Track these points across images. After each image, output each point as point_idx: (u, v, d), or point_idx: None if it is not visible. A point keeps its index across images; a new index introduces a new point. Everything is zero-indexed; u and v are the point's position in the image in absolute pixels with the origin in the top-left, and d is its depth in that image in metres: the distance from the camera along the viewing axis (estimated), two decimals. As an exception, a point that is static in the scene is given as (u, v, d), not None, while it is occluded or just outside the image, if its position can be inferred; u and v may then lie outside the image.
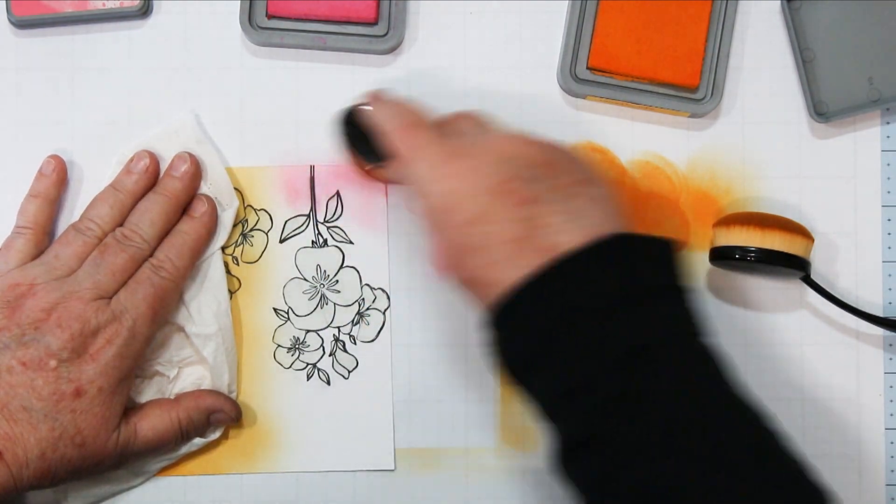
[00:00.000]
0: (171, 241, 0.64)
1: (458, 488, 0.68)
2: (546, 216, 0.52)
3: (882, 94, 0.67)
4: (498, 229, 0.52)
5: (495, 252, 0.52)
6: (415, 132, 0.56)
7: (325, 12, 0.67)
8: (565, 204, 0.52)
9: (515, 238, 0.51)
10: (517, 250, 0.51)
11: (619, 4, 0.66)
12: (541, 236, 0.51)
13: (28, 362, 0.59)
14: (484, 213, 0.52)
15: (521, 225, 0.52)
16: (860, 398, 0.68)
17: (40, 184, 0.65)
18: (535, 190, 0.52)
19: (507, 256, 0.51)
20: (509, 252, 0.51)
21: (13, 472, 0.58)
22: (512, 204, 0.52)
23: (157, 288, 0.62)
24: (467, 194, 0.53)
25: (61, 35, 0.68)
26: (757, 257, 0.64)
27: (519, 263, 0.51)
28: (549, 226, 0.52)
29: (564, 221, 0.52)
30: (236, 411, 0.66)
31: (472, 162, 0.54)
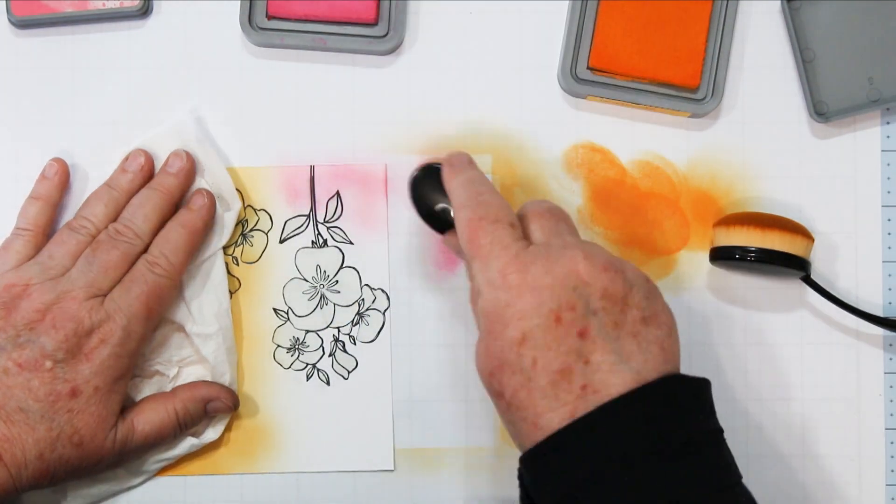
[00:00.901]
0: (166, 237, 0.63)
1: (458, 488, 0.68)
2: (596, 353, 0.50)
3: (882, 94, 0.67)
4: (545, 356, 0.50)
5: (537, 379, 0.50)
6: (488, 228, 0.54)
7: (325, 13, 0.67)
8: (618, 344, 0.51)
9: (560, 370, 0.50)
10: (559, 383, 0.50)
11: (619, 4, 0.66)
12: (585, 374, 0.50)
13: (24, 363, 0.59)
14: (535, 337, 0.51)
15: (569, 358, 0.50)
16: (860, 398, 0.68)
17: (42, 186, 0.65)
18: (591, 323, 0.51)
19: (548, 386, 0.50)
20: (550, 383, 0.50)
21: (12, 473, 0.58)
22: (565, 334, 0.51)
23: (152, 285, 0.62)
24: (525, 313, 0.51)
25: (61, 35, 0.68)
26: (757, 257, 0.64)
27: (558, 397, 0.50)
28: (596, 364, 0.50)
29: (611, 363, 0.50)
30: (233, 400, 0.65)
31: (537, 280, 0.52)
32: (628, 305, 0.52)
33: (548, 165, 0.68)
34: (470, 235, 0.55)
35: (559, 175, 0.68)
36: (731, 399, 0.68)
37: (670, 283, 0.68)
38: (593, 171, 0.68)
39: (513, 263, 0.52)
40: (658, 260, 0.68)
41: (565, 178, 0.68)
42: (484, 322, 0.53)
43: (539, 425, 0.50)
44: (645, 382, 0.50)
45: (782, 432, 0.68)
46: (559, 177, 0.68)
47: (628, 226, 0.68)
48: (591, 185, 0.68)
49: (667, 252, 0.68)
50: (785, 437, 0.68)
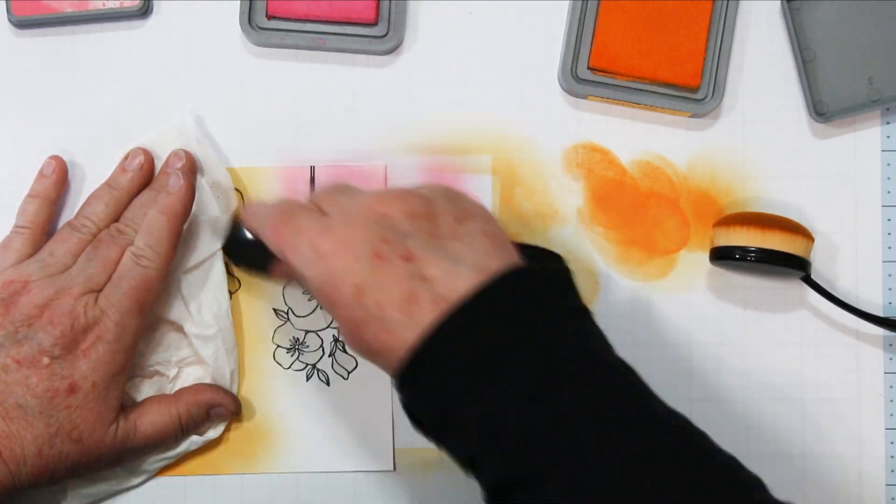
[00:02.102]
0: (147, 226, 0.63)
1: (458, 488, 0.68)
2: (428, 268, 0.51)
3: (882, 94, 0.67)
4: (385, 295, 0.51)
5: (388, 318, 0.51)
6: (284, 223, 0.55)
7: (324, 13, 0.67)
8: (443, 252, 0.52)
9: (404, 298, 0.50)
10: (409, 310, 0.50)
11: (620, 4, 0.66)
12: (429, 289, 0.50)
13: (22, 360, 0.59)
14: (367, 283, 0.51)
15: (407, 284, 0.51)
16: (860, 398, 0.68)
17: (40, 184, 0.66)
18: (410, 246, 0.52)
19: (401, 319, 0.50)
20: (402, 314, 0.50)
21: (11, 469, 0.58)
22: (390, 265, 0.51)
23: (140, 279, 0.62)
24: (346, 269, 0.52)
25: (61, 35, 0.68)
26: (757, 257, 0.64)
27: (414, 322, 0.50)
28: (434, 278, 0.51)
29: (448, 270, 0.51)
30: (236, 405, 0.66)
31: (342, 235, 0.53)
32: (435, 215, 0.53)
33: (548, 165, 0.68)
34: (274, 235, 0.55)
35: (559, 175, 0.68)
36: (731, 399, 0.68)
37: (670, 283, 0.68)
38: (593, 171, 0.68)
39: (317, 235, 0.53)
40: (658, 260, 0.68)
41: (565, 178, 0.68)
42: (324, 300, 0.53)
43: (405, 348, 0.50)
44: (488, 274, 0.50)
45: (782, 432, 0.68)
46: (559, 177, 0.68)
47: (628, 226, 0.68)
48: (591, 185, 0.68)
49: (667, 252, 0.68)
50: (785, 437, 0.68)
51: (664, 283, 0.68)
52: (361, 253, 0.52)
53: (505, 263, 0.52)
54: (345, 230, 0.53)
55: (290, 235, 0.54)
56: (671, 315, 0.68)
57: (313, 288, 0.54)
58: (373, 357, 0.53)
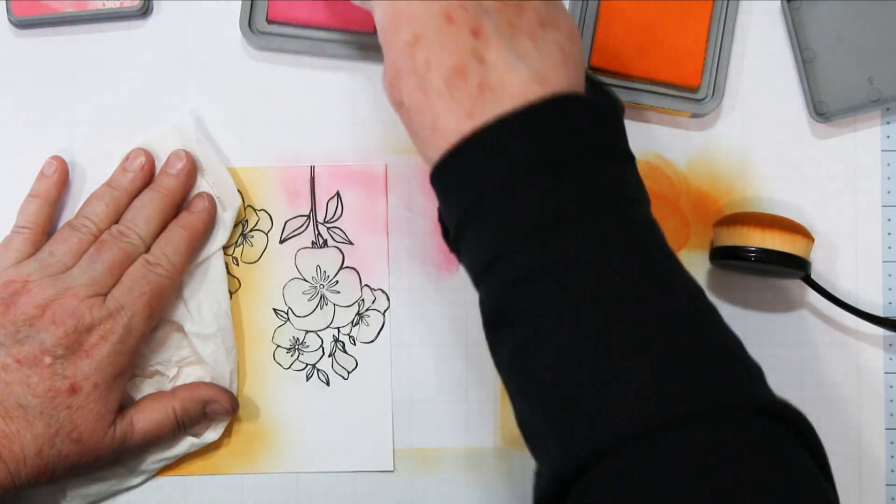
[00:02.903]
0: (167, 238, 0.64)
1: (458, 488, 0.68)
2: (490, 52, 0.49)
3: (882, 94, 0.67)
4: (437, 57, 0.49)
5: (430, 79, 0.49)
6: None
7: (325, 19, 0.66)
8: (512, 42, 0.49)
9: (454, 68, 0.49)
10: (454, 82, 0.49)
11: (620, 4, 0.66)
12: (481, 72, 0.49)
13: (23, 359, 0.59)
14: (426, 37, 0.49)
15: (463, 55, 0.49)
16: (860, 398, 0.68)
17: (41, 184, 0.66)
18: (482, 22, 0.49)
19: (441, 87, 0.49)
20: (444, 83, 0.49)
21: (11, 469, 0.59)
22: (457, 32, 0.49)
23: (154, 285, 0.62)
24: (415, 15, 0.50)
25: (61, 35, 0.68)
26: (757, 257, 0.64)
27: (454, 96, 0.48)
28: (491, 63, 0.49)
29: (507, 61, 0.49)
30: (232, 403, 0.66)
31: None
32: (523, 8, 0.50)
33: (548, 165, 0.68)
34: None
35: (559, 175, 0.68)
36: (731, 399, 0.68)
37: (670, 283, 0.68)
38: (593, 171, 0.68)
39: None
40: (658, 260, 0.68)
41: (565, 178, 0.68)
42: (381, 36, 0.51)
43: (438, 127, 0.49)
44: (545, 85, 0.49)
45: (782, 432, 0.68)
46: (559, 177, 0.68)
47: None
48: (591, 185, 0.68)
49: (667, 252, 0.68)
50: (785, 437, 0.68)
51: (664, 283, 0.68)
52: (434, 6, 0.49)
53: (565, 82, 0.50)
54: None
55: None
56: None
57: (377, 21, 0.52)
58: (398, 109, 0.51)
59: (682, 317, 0.47)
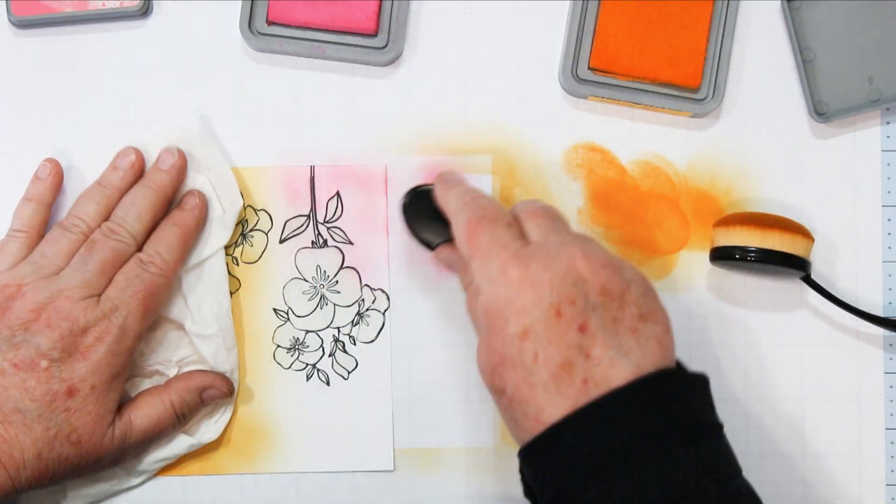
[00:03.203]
0: (159, 236, 0.64)
1: (458, 488, 0.68)
2: (596, 348, 0.51)
3: (882, 94, 0.67)
4: (546, 350, 0.50)
5: (539, 373, 0.50)
6: (487, 227, 0.55)
7: (325, 21, 0.66)
8: (618, 339, 0.51)
9: (562, 363, 0.50)
10: (560, 377, 0.50)
11: (620, 5, 0.66)
12: (587, 368, 0.50)
13: (19, 363, 0.59)
14: (535, 332, 0.51)
15: (570, 352, 0.50)
16: (860, 398, 0.68)
17: (36, 187, 0.65)
18: (591, 318, 0.51)
19: (548, 383, 0.50)
20: (552, 376, 0.50)
21: (11, 473, 0.58)
22: (566, 328, 0.51)
23: (148, 284, 0.62)
24: (525, 307, 0.51)
25: (61, 35, 0.68)
26: (757, 257, 0.64)
27: (560, 391, 0.50)
28: (596, 359, 0.50)
29: (612, 357, 0.50)
30: (228, 386, 0.65)
31: (536, 274, 0.52)
32: (626, 302, 0.52)
33: (548, 165, 0.68)
34: (469, 235, 0.55)
35: (559, 175, 0.68)
36: (731, 399, 0.68)
37: (670, 283, 0.68)
38: (593, 171, 0.68)
39: (512, 260, 0.53)
40: (658, 260, 0.68)
41: (565, 178, 0.68)
42: (485, 320, 0.53)
43: (541, 420, 0.50)
44: (639, 375, 0.50)
45: (782, 432, 0.68)
46: (559, 177, 0.68)
47: (628, 226, 0.68)
48: (591, 185, 0.68)
49: (667, 252, 0.68)
50: (785, 437, 0.68)
51: (664, 283, 0.68)
52: (545, 301, 0.51)
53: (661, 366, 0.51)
54: (541, 271, 0.52)
55: (486, 243, 0.54)
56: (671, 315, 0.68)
57: (480, 304, 0.53)
58: (502, 398, 0.52)
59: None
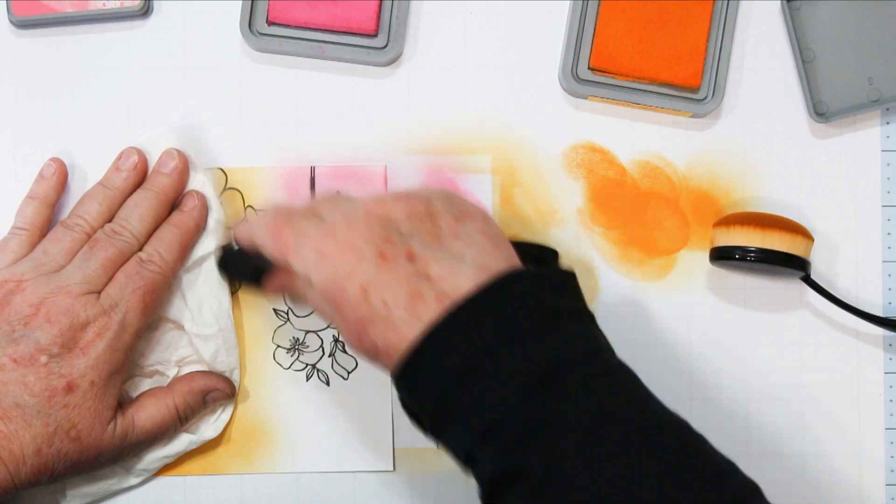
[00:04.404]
0: (159, 236, 0.64)
1: (458, 488, 0.68)
2: (430, 267, 0.52)
3: (882, 94, 0.67)
4: (391, 294, 0.51)
5: (395, 316, 0.51)
6: (284, 226, 0.56)
7: (325, 21, 0.66)
8: (445, 251, 0.52)
9: (410, 296, 0.51)
10: (415, 308, 0.51)
11: (620, 5, 0.66)
12: (432, 287, 0.51)
13: (19, 359, 0.59)
14: (373, 283, 0.52)
15: (412, 283, 0.51)
16: (860, 398, 0.68)
17: (40, 186, 0.65)
18: (413, 246, 0.52)
19: (407, 317, 0.51)
20: (408, 312, 0.51)
21: (10, 469, 0.58)
22: (395, 264, 0.52)
23: (147, 281, 0.62)
24: (352, 269, 0.52)
25: (61, 35, 0.68)
26: (757, 257, 0.64)
27: (420, 320, 0.51)
28: (437, 276, 0.51)
29: (450, 268, 0.51)
30: (231, 388, 0.66)
31: (345, 236, 0.53)
32: (435, 216, 0.54)
33: (548, 165, 0.68)
34: (274, 240, 0.56)
35: (559, 175, 0.68)
36: (732, 399, 0.68)
37: (670, 283, 0.68)
38: (593, 171, 0.68)
39: (320, 238, 0.54)
40: (658, 260, 0.68)
41: (565, 178, 0.68)
42: (328, 301, 0.53)
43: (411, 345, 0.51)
44: (490, 272, 0.51)
45: (782, 432, 0.68)
46: (559, 177, 0.68)
47: (628, 226, 0.68)
48: (591, 185, 0.68)
49: (667, 252, 0.68)
50: (785, 437, 0.68)
51: (664, 283, 0.68)
52: (366, 253, 0.52)
53: (506, 264, 0.52)
54: (348, 232, 0.53)
55: (292, 239, 0.55)
56: (671, 315, 0.68)
57: (318, 291, 0.54)
58: (377, 357, 0.53)
59: (679, 448, 0.49)
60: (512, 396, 0.49)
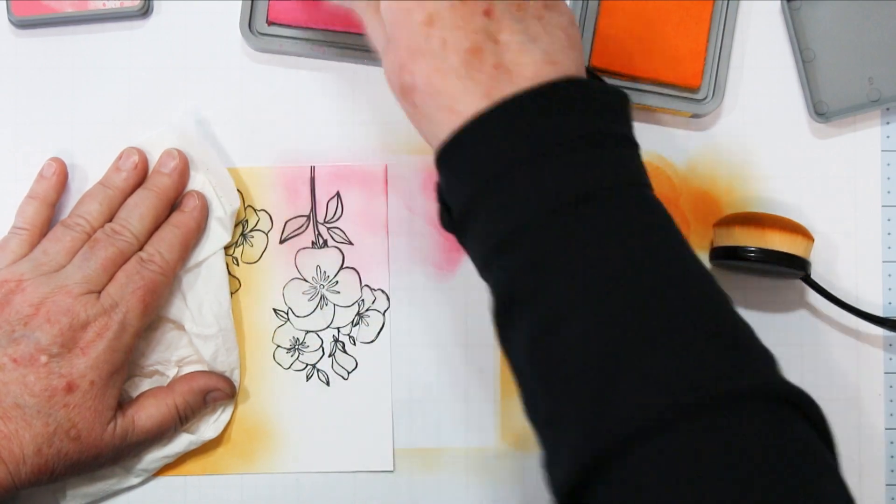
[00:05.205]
0: (160, 236, 0.64)
1: (458, 488, 0.68)
2: (503, 32, 0.49)
3: (882, 94, 0.67)
4: (454, 34, 0.49)
5: (447, 60, 0.49)
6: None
7: (325, 22, 0.66)
8: (524, 24, 0.50)
9: (470, 48, 0.49)
10: (471, 62, 0.49)
11: (620, 5, 0.66)
12: (496, 52, 0.49)
13: (19, 359, 0.59)
14: (441, 16, 0.49)
15: (478, 36, 0.49)
16: (860, 398, 0.68)
17: (40, 186, 0.65)
18: (496, 4, 0.50)
19: (458, 68, 0.49)
20: (462, 62, 0.49)
21: (10, 469, 0.58)
22: (470, 11, 0.49)
23: (148, 281, 0.62)
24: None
25: (61, 35, 0.68)
26: (757, 257, 0.64)
27: (472, 77, 0.49)
28: (505, 44, 0.49)
29: (520, 42, 0.49)
30: (231, 388, 0.66)
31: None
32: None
33: (548, 165, 0.68)
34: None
35: (559, 175, 0.68)
36: (731, 399, 0.68)
37: (670, 283, 0.68)
38: (593, 171, 0.68)
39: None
40: (658, 260, 0.68)
41: (565, 178, 0.68)
42: (389, 20, 0.51)
43: (455, 110, 0.49)
44: (555, 66, 0.49)
45: (782, 432, 0.68)
46: (559, 177, 0.68)
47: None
48: (591, 185, 0.68)
49: (667, 252, 0.68)
50: (785, 437, 0.68)
51: (664, 283, 0.68)
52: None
53: (573, 66, 0.50)
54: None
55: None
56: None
57: (383, 8, 0.51)
58: (409, 94, 0.50)
59: (702, 300, 0.47)
60: (542, 209, 0.47)
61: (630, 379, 0.45)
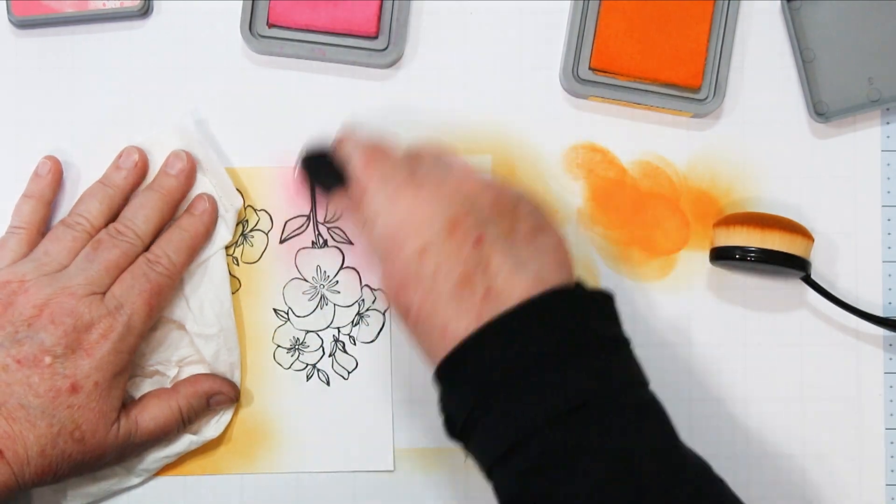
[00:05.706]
0: (168, 237, 0.64)
1: (458, 488, 0.68)
2: (493, 259, 0.52)
3: (882, 94, 0.67)
4: (446, 263, 0.51)
5: (441, 286, 0.51)
6: (378, 160, 0.56)
7: (325, 24, 0.66)
8: (513, 250, 0.52)
9: (462, 276, 0.51)
10: (461, 292, 0.51)
11: (621, 5, 0.66)
12: (486, 279, 0.51)
13: (23, 360, 0.59)
14: (434, 246, 0.52)
15: (469, 264, 0.51)
16: (860, 398, 0.68)
17: (35, 184, 0.65)
18: (487, 231, 0.52)
19: (450, 296, 0.51)
20: (454, 289, 0.51)
21: (15, 470, 0.58)
22: (462, 241, 0.52)
23: (154, 283, 0.62)
24: (421, 224, 0.52)
25: (61, 35, 0.68)
26: (757, 257, 0.64)
27: (463, 303, 0.51)
28: (495, 270, 0.51)
29: (511, 266, 0.51)
30: (235, 392, 0.66)
31: (429, 193, 0.53)
32: (518, 216, 0.54)
33: (548, 165, 0.68)
34: (364, 167, 0.56)
35: (559, 175, 0.68)
36: (731, 399, 0.68)
37: (670, 283, 0.68)
38: (593, 172, 0.68)
39: (404, 184, 0.54)
40: (658, 260, 0.68)
41: (565, 178, 0.68)
42: (383, 245, 0.54)
43: (447, 333, 0.51)
44: (545, 286, 0.51)
45: (782, 432, 0.68)
46: (559, 177, 0.68)
47: (628, 226, 0.68)
48: (591, 186, 0.68)
49: (667, 252, 0.68)
50: (785, 437, 0.68)
51: (664, 283, 0.68)
52: (438, 217, 0.52)
53: (561, 283, 0.52)
54: (433, 190, 0.53)
55: (379, 174, 0.55)
56: (671, 315, 0.68)
57: (379, 233, 0.54)
58: (405, 317, 0.53)
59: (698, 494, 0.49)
60: (540, 420, 0.49)
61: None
